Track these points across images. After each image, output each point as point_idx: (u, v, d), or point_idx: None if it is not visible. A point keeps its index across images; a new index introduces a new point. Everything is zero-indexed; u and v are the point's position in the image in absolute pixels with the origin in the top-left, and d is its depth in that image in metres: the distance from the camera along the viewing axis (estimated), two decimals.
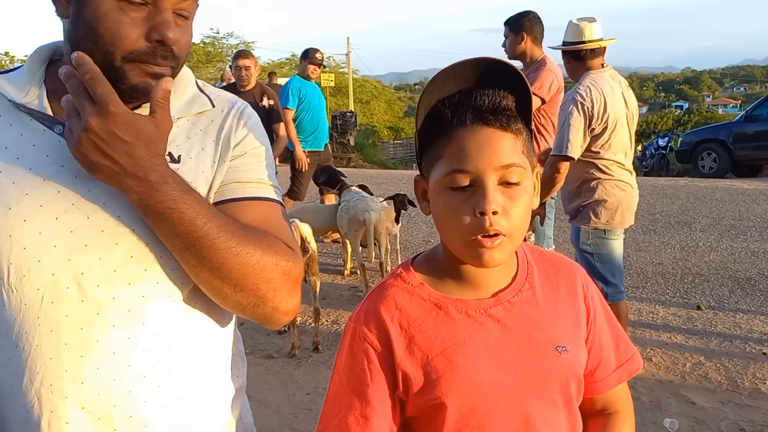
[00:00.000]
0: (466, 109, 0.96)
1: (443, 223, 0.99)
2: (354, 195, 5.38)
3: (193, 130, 1.09)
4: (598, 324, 1.10)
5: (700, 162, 13.72)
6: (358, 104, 32.65)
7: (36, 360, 0.98)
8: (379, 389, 1.00)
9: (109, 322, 0.99)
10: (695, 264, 6.01)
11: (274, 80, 14.25)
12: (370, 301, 1.05)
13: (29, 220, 0.98)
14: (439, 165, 0.98)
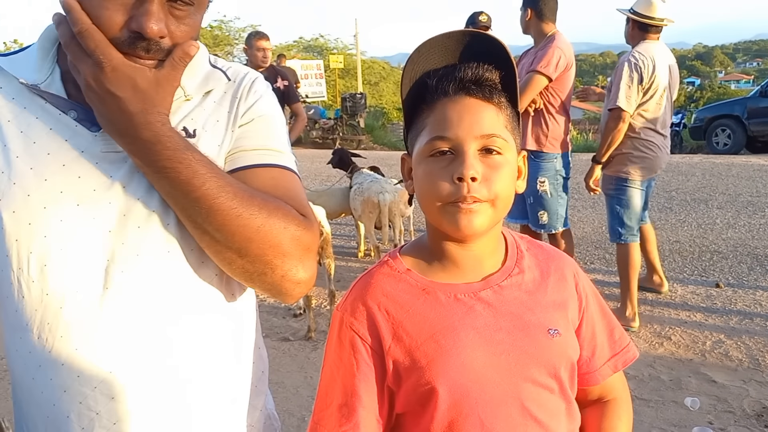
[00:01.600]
0: (449, 80, 0.96)
1: (422, 191, 0.98)
2: (367, 177, 5.35)
3: (207, 103, 1.06)
4: (591, 313, 1.08)
5: (714, 138, 13.55)
6: (367, 86, 32.51)
7: (61, 351, 0.96)
8: (366, 379, 0.98)
9: (135, 309, 0.96)
10: (713, 241, 5.95)
11: (282, 62, 14.20)
12: (357, 290, 1.03)
13: (49, 207, 0.95)
14: (422, 135, 0.98)
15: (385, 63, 44.82)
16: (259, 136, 1.07)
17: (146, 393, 0.98)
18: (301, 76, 18.02)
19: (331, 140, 16.86)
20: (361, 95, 18.37)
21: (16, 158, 0.96)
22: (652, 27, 4.01)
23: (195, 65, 1.06)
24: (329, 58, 25.37)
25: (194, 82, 1.05)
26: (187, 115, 1.03)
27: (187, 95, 1.03)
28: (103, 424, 0.96)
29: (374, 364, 0.98)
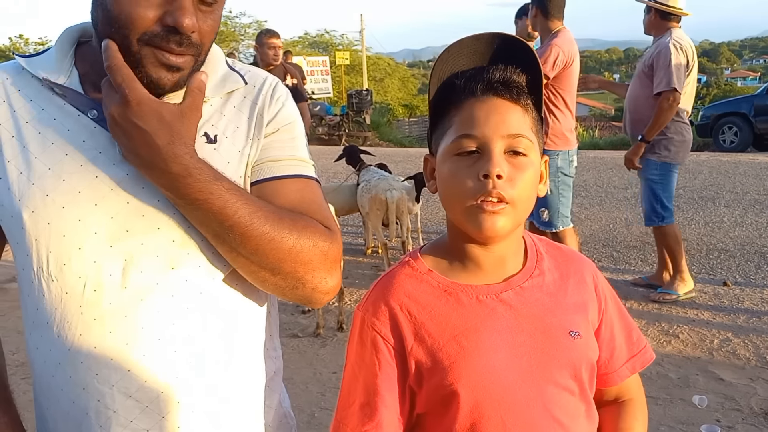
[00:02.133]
0: (477, 81, 0.97)
1: (447, 190, 0.98)
2: (374, 174, 5.36)
3: (227, 108, 1.07)
4: (610, 315, 1.09)
5: (720, 136, 13.52)
6: (372, 82, 32.47)
7: (80, 349, 0.97)
8: (388, 379, 0.99)
9: (154, 308, 0.98)
10: (720, 240, 5.95)
11: (289, 59, 14.19)
12: (378, 290, 1.04)
13: (68, 206, 0.96)
14: (447, 134, 0.99)
15: (390, 59, 44.76)
16: (285, 146, 1.09)
17: (164, 390, 0.99)
18: (307, 72, 18.01)
19: (337, 137, 16.87)
20: (367, 92, 18.37)
21: (35, 159, 0.97)
22: (674, 16, 4.20)
23: (212, 66, 1.07)
24: (335, 55, 25.35)
25: (211, 83, 1.05)
26: (207, 120, 1.04)
27: (205, 98, 1.03)
28: (120, 422, 0.98)
29: (396, 363, 0.99)
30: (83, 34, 1.06)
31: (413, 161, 11.60)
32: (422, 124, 23.02)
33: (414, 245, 5.77)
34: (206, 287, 1.02)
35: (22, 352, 4.21)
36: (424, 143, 19.92)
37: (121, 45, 0.92)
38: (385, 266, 5.12)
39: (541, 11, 4.16)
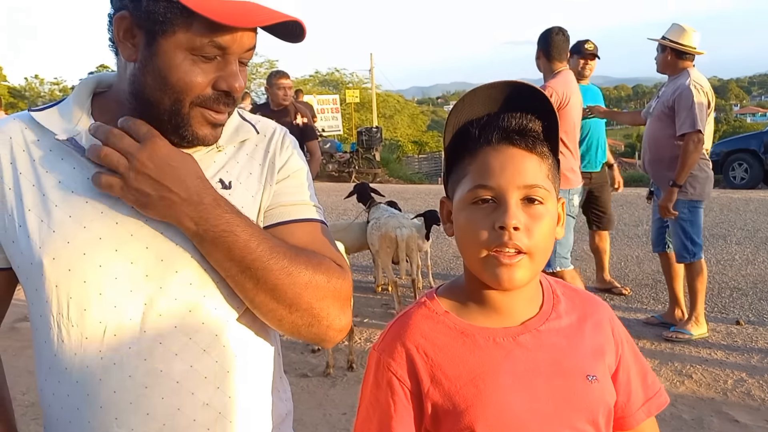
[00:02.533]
0: (492, 129, 0.98)
1: (463, 239, 0.99)
2: (384, 212, 5.38)
3: (240, 155, 1.12)
4: (626, 358, 1.09)
5: (731, 173, 13.49)
6: (382, 119, 32.78)
7: (99, 393, 0.99)
8: (403, 421, 0.99)
9: (172, 351, 1.00)
10: (732, 278, 5.90)
11: (300, 97, 14.39)
12: (394, 330, 1.04)
13: (89, 253, 0.99)
14: (463, 182, 0.99)
15: (400, 96, 45.22)
16: (295, 192, 1.14)
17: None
18: (317, 110, 18.22)
19: (347, 173, 16.97)
20: (377, 129, 18.54)
21: (55, 207, 1.00)
22: (688, 55, 4.30)
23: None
24: (345, 92, 25.65)
25: (226, 133, 1.10)
26: (222, 167, 1.09)
27: (218, 146, 1.09)
28: None
29: (412, 406, 0.99)
30: (99, 85, 1.11)
31: (423, 198, 11.63)
32: (432, 160, 23.14)
33: (424, 283, 5.77)
34: (221, 329, 1.04)
35: (32, 393, 4.21)
36: (433, 180, 20.03)
37: (171, 106, 0.99)
38: (395, 304, 5.10)
39: (543, 53, 4.28)
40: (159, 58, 0.97)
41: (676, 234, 4.37)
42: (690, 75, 4.24)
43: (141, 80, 1.00)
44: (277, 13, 0.98)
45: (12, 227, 1.01)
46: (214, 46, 0.97)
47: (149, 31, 0.96)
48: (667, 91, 4.37)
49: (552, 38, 4.23)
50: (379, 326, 4.91)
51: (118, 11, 0.99)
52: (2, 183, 1.02)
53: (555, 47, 4.23)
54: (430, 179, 20.23)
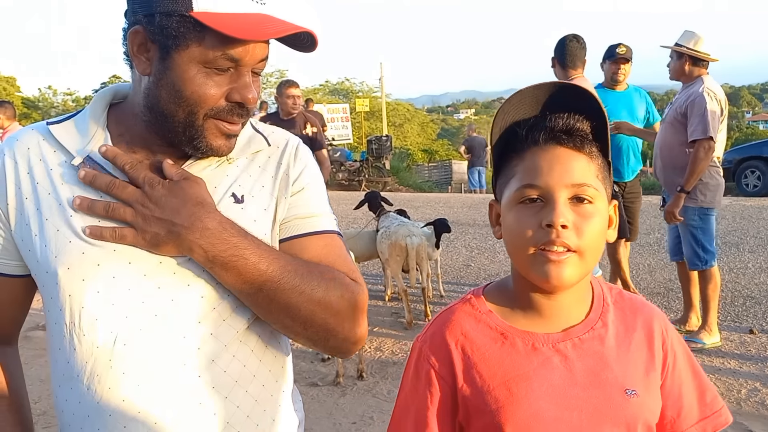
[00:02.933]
0: (539, 129, 0.97)
1: (511, 238, 0.98)
2: (394, 220, 5.38)
3: (252, 168, 1.12)
4: (678, 371, 1.04)
5: (743, 180, 13.39)
6: (392, 127, 32.84)
7: (109, 402, 1.00)
8: (438, 413, 1.00)
9: (180, 362, 1.01)
10: (745, 286, 5.85)
11: (310, 107, 14.45)
12: (437, 324, 1.05)
13: (102, 264, 1.00)
14: (511, 183, 0.99)
15: (410, 105, 45.30)
16: (310, 204, 1.14)
17: None
18: (327, 119, 18.28)
19: (357, 182, 17.00)
20: (387, 137, 18.56)
21: (71, 217, 1.01)
22: (703, 62, 4.30)
23: None
24: (355, 101, 25.73)
25: (238, 145, 1.11)
26: (234, 181, 1.09)
27: (230, 158, 1.10)
28: None
29: (447, 398, 1.00)
30: (115, 96, 1.12)
31: (433, 206, 11.63)
32: (442, 168, 23.12)
33: (434, 291, 5.76)
34: (230, 340, 1.04)
35: (44, 401, 4.23)
36: (443, 188, 20.02)
37: (185, 118, 1.00)
38: (405, 313, 5.09)
39: (558, 62, 4.29)
40: (173, 72, 0.98)
41: (687, 241, 4.35)
42: (704, 82, 4.23)
43: (155, 93, 1.01)
44: (290, 24, 0.99)
45: (29, 236, 1.02)
46: (227, 59, 0.98)
47: (163, 46, 0.98)
48: (680, 98, 4.35)
49: (566, 46, 4.23)
50: (389, 335, 4.90)
51: (132, 26, 1.00)
52: (20, 192, 1.04)
53: (569, 55, 4.22)
54: (440, 188, 20.22)
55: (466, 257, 7.43)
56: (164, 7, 0.95)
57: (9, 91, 35.32)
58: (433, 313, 5.24)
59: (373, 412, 3.71)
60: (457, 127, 64.61)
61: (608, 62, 4.98)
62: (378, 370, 4.27)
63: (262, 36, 0.98)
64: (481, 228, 9.16)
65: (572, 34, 4.31)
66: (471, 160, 16.46)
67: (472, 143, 16.33)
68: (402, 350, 4.60)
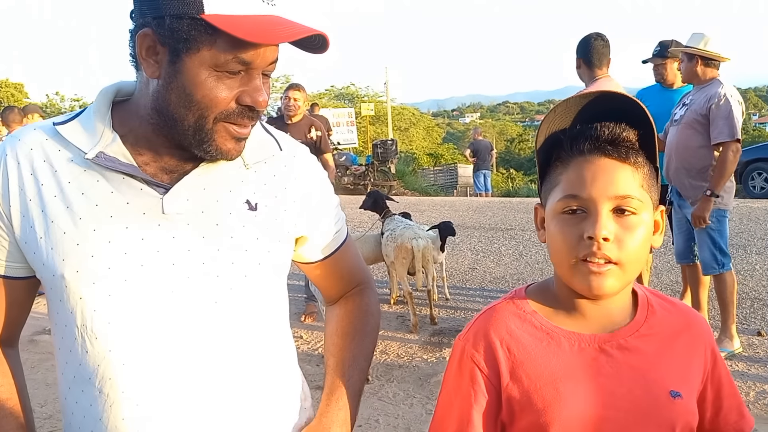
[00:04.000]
0: (585, 139, 0.97)
1: (554, 247, 0.99)
2: (399, 223, 5.37)
3: (267, 176, 1.12)
4: (717, 375, 1.07)
5: (750, 182, 13.34)
6: (397, 132, 32.85)
7: (122, 405, 0.99)
8: (482, 411, 1.01)
9: (194, 365, 1.01)
10: (753, 288, 5.82)
11: (316, 111, 14.46)
12: (481, 322, 1.06)
13: (113, 267, 0.98)
14: (555, 191, 0.99)
15: (415, 109, 45.31)
16: (330, 218, 1.23)
17: None
18: (333, 123, 18.30)
19: (363, 186, 17.00)
20: (392, 141, 18.56)
21: (79, 220, 0.99)
22: (715, 62, 4.28)
23: (253, 131, 1.10)
24: (360, 106, 25.76)
25: (250, 147, 1.10)
26: (250, 187, 1.09)
27: (247, 164, 1.10)
28: None
29: (490, 397, 1.01)
30: (118, 94, 1.09)
31: (438, 210, 11.61)
32: (447, 172, 23.11)
33: (439, 295, 5.75)
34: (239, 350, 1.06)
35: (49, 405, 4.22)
36: (449, 192, 20.00)
37: (195, 122, 0.99)
38: (410, 316, 5.09)
39: (583, 61, 4.24)
40: (183, 75, 0.96)
41: (705, 245, 4.27)
42: (723, 84, 4.21)
43: (165, 97, 0.99)
44: (302, 27, 0.97)
45: (33, 239, 1.00)
46: (238, 62, 0.96)
47: (173, 49, 0.95)
48: (698, 100, 4.27)
49: (590, 45, 4.19)
50: (395, 339, 4.89)
51: (140, 28, 0.97)
52: (23, 194, 1.01)
53: (594, 54, 4.18)
54: (446, 191, 20.20)
55: (472, 260, 7.42)
56: (174, 9, 0.92)
57: (17, 97, 35.47)
58: (438, 316, 5.23)
59: (378, 415, 3.70)
60: (462, 130, 64.57)
61: (657, 59, 4.93)
62: (383, 373, 4.26)
63: (276, 40, 0.96)
64: (486, 231, 9.14)
65: (595, 32, 4.26)
66: (476, 164, 16.45)
67: (477, 147, 16.33)
68: (407, 353, 4.59)
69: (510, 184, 22.09)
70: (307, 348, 4.75)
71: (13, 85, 38.62)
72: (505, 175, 25.96)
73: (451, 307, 5.65)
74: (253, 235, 1.06)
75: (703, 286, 4.54)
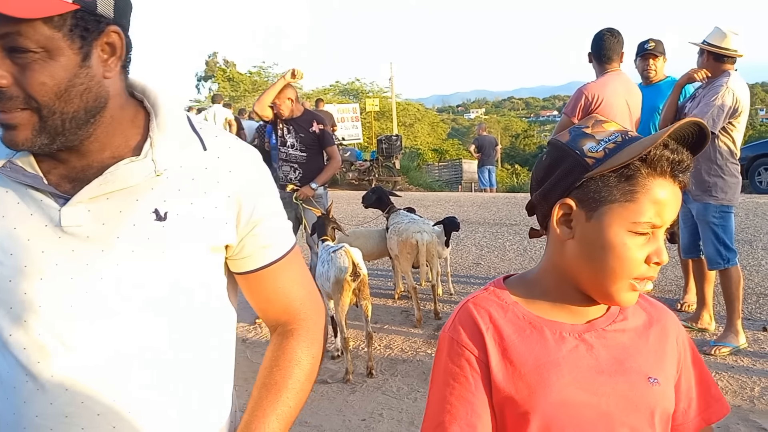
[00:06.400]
0: (667, 163, 0.96)
1: (610, 261, 0.98)
2: (404, 217, 5.37)
3: (183, 180, 1.03)
4: (689, 366, 1.11)
5: (756, 177, 13.26)
6: (402, 127, 32.81)
7: (24, 415, 0.99)
8: (480, 393, 1.02)
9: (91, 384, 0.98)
10: (758, 283, 5.79)
11: (320, 106, 14.46)
12: (463, 312, 1.07)
13: (14, 280, 0.97)
14: (620, 206, 0.97)
15: (420, 105, 45.23)
16: (263, 229, 1.12)
17: None
18: (337, 119, 18.28)
19: (367, 182, 16.99)
20: (397, 137, 18.53)
21: None
22: (728, 58, 4.24)
23: (169, 130, 1.04)
24: (365, 101, 25.74)
25: (168, 150, 1.03)
26: (160, 195, 1.01)
27: (158, 171, 1.01)
28: None
29: (483, 375, 1.02)
30: None
31: (443, 205, 11.60)
32: (452, 168, 23.08)
33: (443, 289, 5.74)
34: (143, 365, 1.01)
35: None
36: (454, 187, 19.96)
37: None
38: (415, 311, 5.09)
39: (594, 56, 4.26)
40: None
41: (709, 240, 4.28)
42: (729, 76, 4.19)
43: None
44: None
45: None
46: None
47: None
48: (707, 93, 4.27)
49: (601, 40, 4.20)
50: (399, 333, 4.90)
51: None
52: None
53: (605, 49, 4.19)
54: (450, 187, 20.18)
55: (476, 255, 7.41)
56: None
57: None
58: (442, 311, 5.23)
59: (382, 408, 3.70)
60: (467, 126, 64.50)
61: (639, 59, 5.04)
62: (387, 368, 4.26)
63: None
64: (491, 226, 9.13)
65: (607, 28, 4.25)
66: (481, 159, 16.41)
67: (482, 142, 16.28)
68: (411, 348, 4.60)
69: (515, 179, 22.05)
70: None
71: None
72: (510, 171, 25.92)
73: (456, 302, 5.64)
74: (159, 248, 0.99)
75: (708, 281, 4.53)
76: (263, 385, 1.12)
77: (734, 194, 4.27)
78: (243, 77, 32.46)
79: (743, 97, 4.18)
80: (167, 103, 1.06)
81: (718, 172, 4.20)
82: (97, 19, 0.93)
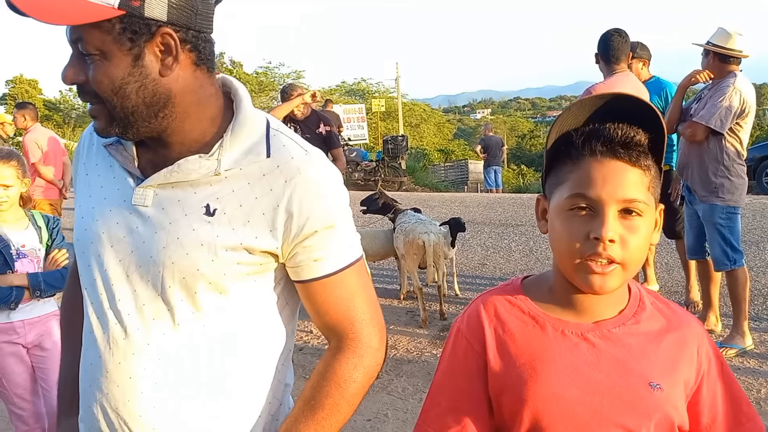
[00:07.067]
0: (597, 140, 0.98)
1: (558, 243, 1.01)
2: (411, 217, 5.37)
3: (239, 182, 1.08)
4: (713, 379, 1.07)
5: (763, 178, 13.21)
6: (408, 128, 32.82)
7: (100, 366, 1.13)
8: (474, 383, 1.05)
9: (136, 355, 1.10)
10: (765, 285, 5.77)
11: (329, 107, 14.48)
12: (473, 306, 1.11)
13: (95, 243, 1.12)
14: (562, 188, 1.00)
15: (426, 105, 45.24)
16: (314, 243, 1.10)
17: None
18: (343, 119, 18.31)
19: (373, 182, 17.01)
20: (403, 137, 18.55)
21: (89, 197, 1.14)
22: (733, 59, 4.23)
23: (244, 133, 1.09)
24: (371, 102, 25.75)
25: (233, 155, 1.08)
26: (214, 193, 1.07)
27: (217, 171, 1.06)
28: None
29: (479, 369, 1.05)
30: None
31: (449, 206, 11.60)
32: (458, 168, 23.06)
33: (449, 290, 5.75)
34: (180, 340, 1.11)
35: None
36: (460, 188, 19.95)
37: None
38: (420, 311, 5.09)
39: (601, 57, 4.25)
40: None
41: (715, 241, 4.26)
42: (736, 77, 4.19)
43: None
44: None
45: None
46: None
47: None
48: (712, 94, 4.27)
49: (609, 41, 4.19)
50: (404, 333, 4.90)
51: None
52: (82, 166, 1.21)
53: (612, 49, 4.18)
54: (456, 187, 20.17)
55: (482, 256, 7.41)
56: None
57: (32, 93, 35.79)
58: (448, 311, 5.24)
59: (387, 409, 3.71)
60: (473, 126, 64.38)
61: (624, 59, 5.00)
62: (393, 368, 4.27)
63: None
64: (496, 227, 9.13)
65: (614, 28, 4.24)
66: (487, 160, 16.40)
67: (488, 143, 16.27)
68: (417, 348, 4.60)
69: (521, 180, 22.03)
70: (317, 342, 4.77)
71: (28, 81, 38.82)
72: (516, 172, 25.87)
73: (461, 302, 5.65)
74: (199, 240, 1.06)
75: (714, 283, 4.52)
76: (305, 400, 1.14)
77: (741, 195, 4.26)
78: (250, 77, 32.52)
79: (750, 98, 4.17)
80: (248, 108, 1.12)
81: (724, 173, 4.18)
82: (146, 23, 1.00)
